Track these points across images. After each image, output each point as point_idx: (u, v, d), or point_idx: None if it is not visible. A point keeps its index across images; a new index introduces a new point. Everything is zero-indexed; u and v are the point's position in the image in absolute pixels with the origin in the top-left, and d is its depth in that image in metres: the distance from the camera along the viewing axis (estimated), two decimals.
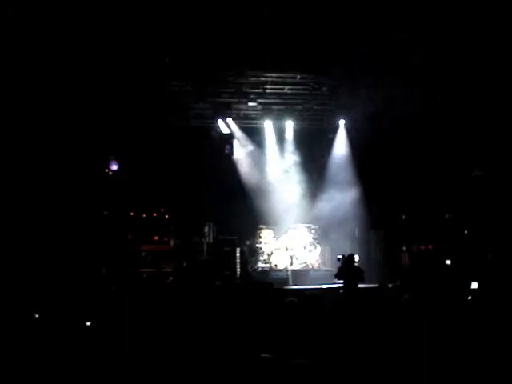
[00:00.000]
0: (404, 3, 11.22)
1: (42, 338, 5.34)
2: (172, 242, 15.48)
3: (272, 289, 11.01)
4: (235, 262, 15.57)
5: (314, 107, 16.93)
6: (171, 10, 11.42)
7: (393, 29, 12.04)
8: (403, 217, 16.63)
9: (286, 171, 17.58)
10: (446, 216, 16.29)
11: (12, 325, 5.73)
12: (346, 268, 11.64)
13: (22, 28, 11.13)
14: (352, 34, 12.29)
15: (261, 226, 16.66)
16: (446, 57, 13.32)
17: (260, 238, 16.52)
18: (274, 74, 14.95)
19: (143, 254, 14.92)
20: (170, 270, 15.03)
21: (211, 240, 16.18)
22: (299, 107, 16.81)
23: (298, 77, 15.16)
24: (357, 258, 15.34)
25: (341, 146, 17.52)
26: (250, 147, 17.45)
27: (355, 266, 12.31)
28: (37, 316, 6.24)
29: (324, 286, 14.19)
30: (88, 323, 6.06)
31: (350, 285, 11.20)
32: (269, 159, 17.65)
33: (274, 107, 16.58)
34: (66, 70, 12.78)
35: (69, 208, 13.81)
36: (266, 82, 15.25)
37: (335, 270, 16.06)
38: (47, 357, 4.96)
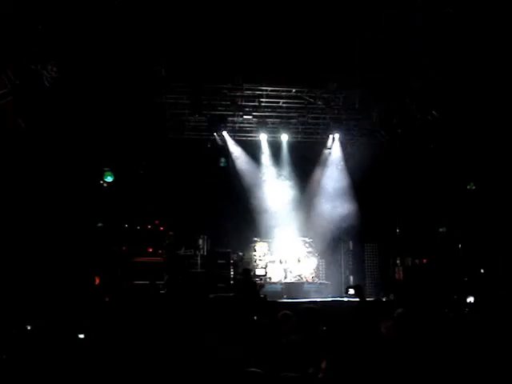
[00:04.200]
0: (399, 20, 11.32)
1: (35, 350, 5.31)
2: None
3: (265, 302, 11.00)
4: (229, 275, 15.53)
5: (309, 121, 17.00)
6: (167, 23, 11.50)
7: (388, 44, 12.14)
8: (397, 230, 16.66)
9: (281, 184, 17.57)
10: (440, 230, 16.31)
11: (4, 337, 5.70)
12: (242, 281, 11.79)
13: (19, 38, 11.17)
14: (347, 48, 12.38)
15: (255, 239, 16.65)
16: (441, 72, 13.43)
17: (254, 250, 16.50)
18: (269, 88, 15.04)
19: (137, 265, 14.85)
20: (163, 282, 14.98)
21: (205, 253, 16.14)
22: (294, 121, 16.87)
23: (294, 90, 15.26)
24: (259, 271, 15.42)
25: (335, 160, 17.57)
26: (245, 160, 17.48)
27: (252, 281, 12.44)
28: (29, 328, 6.21)
29: (318, 299, 14.19)
30: (81, 336, 6.03)
31: (244, 296, 11.32)
32: (263, 172, 17.66)
33: (269, 120, 16.64)
34: (61, 79, 12.81)
35: (63, 219, 13.76)
36: (261, 96, 15.33)
37: (329, 284, 16.23)
38: (40, 369, 4.93)
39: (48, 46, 11.60)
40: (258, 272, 15.64)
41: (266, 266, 16.20)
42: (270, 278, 16.03)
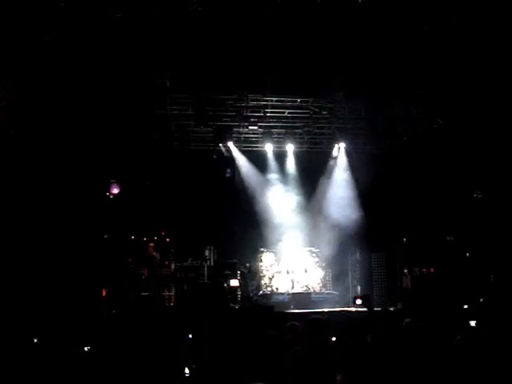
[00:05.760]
0: (402, 29, 11.34)
1: (41, 363, 5.29)
2: (173, 266, 15.41)
3: (272, 312, 10.93)
4: (236, 286, 15.49)
5: (315, 130, 17.01)
6: (173, 35, 11.55)
7: (392, 53, 12.15)
8: (404, 240, 16.59)
9: (287, 194, 17.52)
10: (448, 238, 16.24)
11: (11, 350, 5.69)
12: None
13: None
14: (351, 58, 12.40)
15: (262, 250, 16.60)
16: (445, 80, 13.43)
17: (261, 261, 16.46)
18: (274, 98, 15.07)
19: (143, 277, 14.85)
20: (170, 293, 14.98)
21: (212, 263, 16.11)
22: (299, 131, 16.88)
23: (299, 100, 15.29)
24: (233, 282, 15.21)
25: (341, 169, 17.54)
26: (251, 170, 17.46)
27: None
28: (36, 341, 6.19)
29: (326, 310, 14.11)
30: (86, 348, 6.01)
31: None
32: (270, 183, 17.63)
33: (275, 131, 16.64)
34: (67, 90, 12.89)
35: (70, 231, 13.79)
36: (266, 106, 15.35)
37: (337, 294, 16.16)
38: (46, 382, 4.91)
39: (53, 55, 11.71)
40: (232, 283, 15.45)
41: (273, 276, 16.16)
42: (277, 288, 15.99)
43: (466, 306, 11.48)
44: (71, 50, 11.59)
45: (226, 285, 15.01)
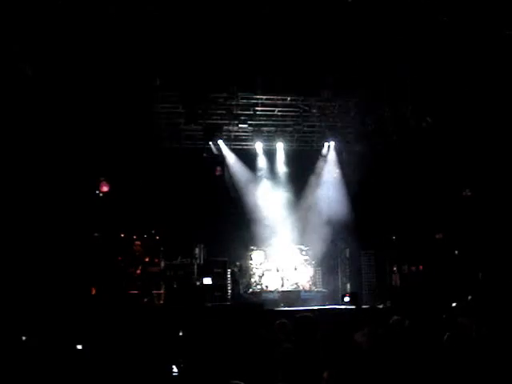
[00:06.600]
0: (391, 27, 11.38)
1: (30, 361, 5.28)
2: (162, 264, 15.39)
3: (262, 310, 10.96)
4: (226, 284, 15.50)
5: (305, 129, 17.04)
6: (163, 32, 11.53)
7: (381, 52, 12.20)
8: (394, 237, 16.66)
9: (277, 192, 17.54)
10: (437, 236, 16.32)
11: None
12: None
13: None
14: (341, 57, 12.44)
15: (252, 248, 16.60)
16: (435, 79, 13.50)
17: (251, 259, 16.46)
18: (264, 96, 15.07)
19: (133, 275, 14.81)
20: (160, 291, 14.96)
21: (202, 261, 16.09)
22: (290, 129, 16.91)
23: (288, 99, 15.31)
24: (206, 280, 15.20)
25: (331, 167, 17.58)
26: (241, 169, 17.46)
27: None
28: (24, 339, 6.18)
29: (315, 307, 14.15)
30: (79, 346, 6.00)
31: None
32: (260, 180, 17.64)
33: (265, 129, 16.65)
34: (56, 89, 12.84)
35: (59, 229, 13.73)
36: (256, 104, 15.36)
37: (326, 292, 16.21)
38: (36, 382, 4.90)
39: (43, 56, 11.66)
40: (205, 281, 15.38)
41: (263, 274, 16.16)
42: (266, 286, 16.00)
43: (454, 304, 11.54)
44: (59, 47, 11.53)
45: (198, 283, 14.94)
